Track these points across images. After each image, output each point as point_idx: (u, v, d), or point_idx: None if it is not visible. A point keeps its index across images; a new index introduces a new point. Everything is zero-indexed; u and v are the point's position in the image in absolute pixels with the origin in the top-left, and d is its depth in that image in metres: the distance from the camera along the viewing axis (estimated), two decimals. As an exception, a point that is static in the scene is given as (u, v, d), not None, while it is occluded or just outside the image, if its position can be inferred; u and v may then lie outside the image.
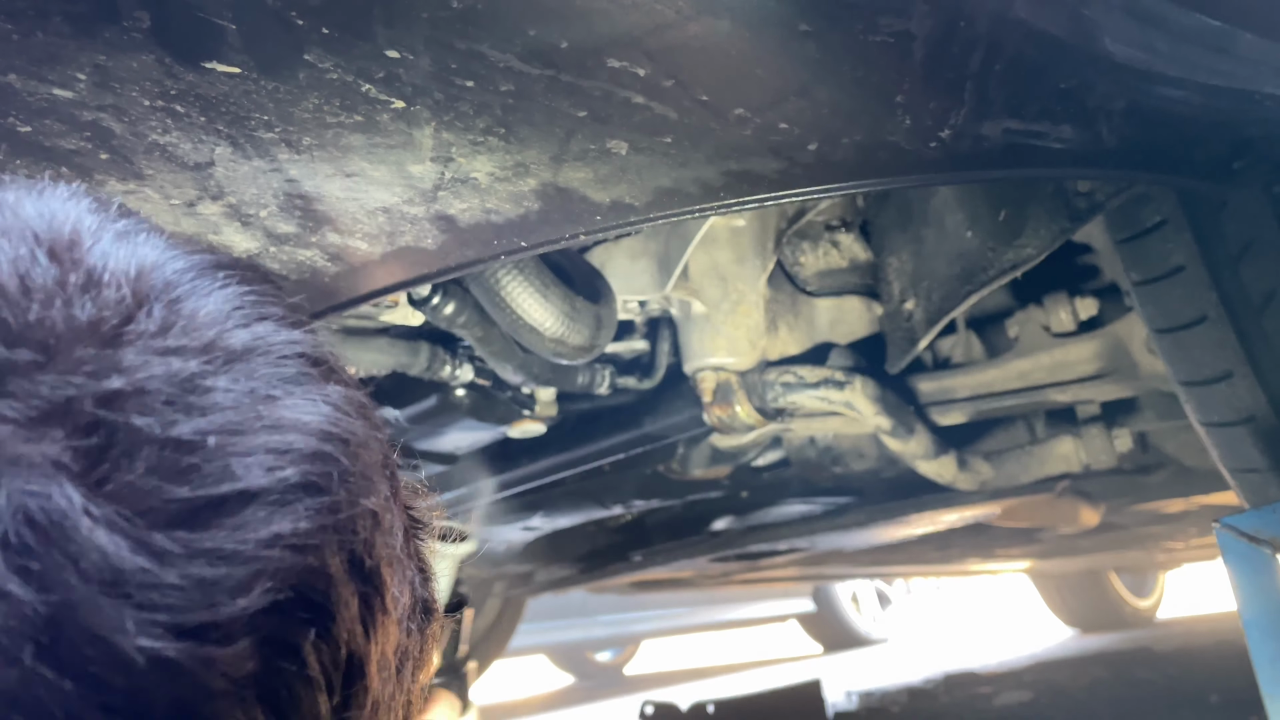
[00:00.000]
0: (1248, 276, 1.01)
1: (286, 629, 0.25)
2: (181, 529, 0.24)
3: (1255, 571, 0.99)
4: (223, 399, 0.26)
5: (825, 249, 1.41)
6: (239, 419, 0.26)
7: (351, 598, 0.27)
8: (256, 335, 0.28)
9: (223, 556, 0.24)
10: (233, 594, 0.24)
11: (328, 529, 0.26)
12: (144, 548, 0.23)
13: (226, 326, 0.28)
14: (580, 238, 0.81)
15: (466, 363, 1.27)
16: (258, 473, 0.25)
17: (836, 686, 2.84)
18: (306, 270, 0.83)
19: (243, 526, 0.25)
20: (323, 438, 0.27)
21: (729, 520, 1.83)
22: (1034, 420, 1.51)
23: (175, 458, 0.24)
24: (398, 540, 0.31)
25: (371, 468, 0.29)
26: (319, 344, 0.30)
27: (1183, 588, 4.86)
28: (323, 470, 0.27)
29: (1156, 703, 2.16)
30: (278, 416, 0.27)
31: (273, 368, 0.28)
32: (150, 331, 0.26)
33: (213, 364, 0.26)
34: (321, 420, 0.27)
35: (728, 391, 1.30)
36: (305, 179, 0.71)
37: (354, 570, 0.27)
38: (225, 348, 0.27)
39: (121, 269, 0.27)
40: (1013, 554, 2.63)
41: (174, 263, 0.29)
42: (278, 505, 0.25)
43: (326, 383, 0.29)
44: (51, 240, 0.27)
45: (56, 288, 0.26)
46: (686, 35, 0.62)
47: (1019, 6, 0.66)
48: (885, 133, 0.75)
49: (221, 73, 0.60)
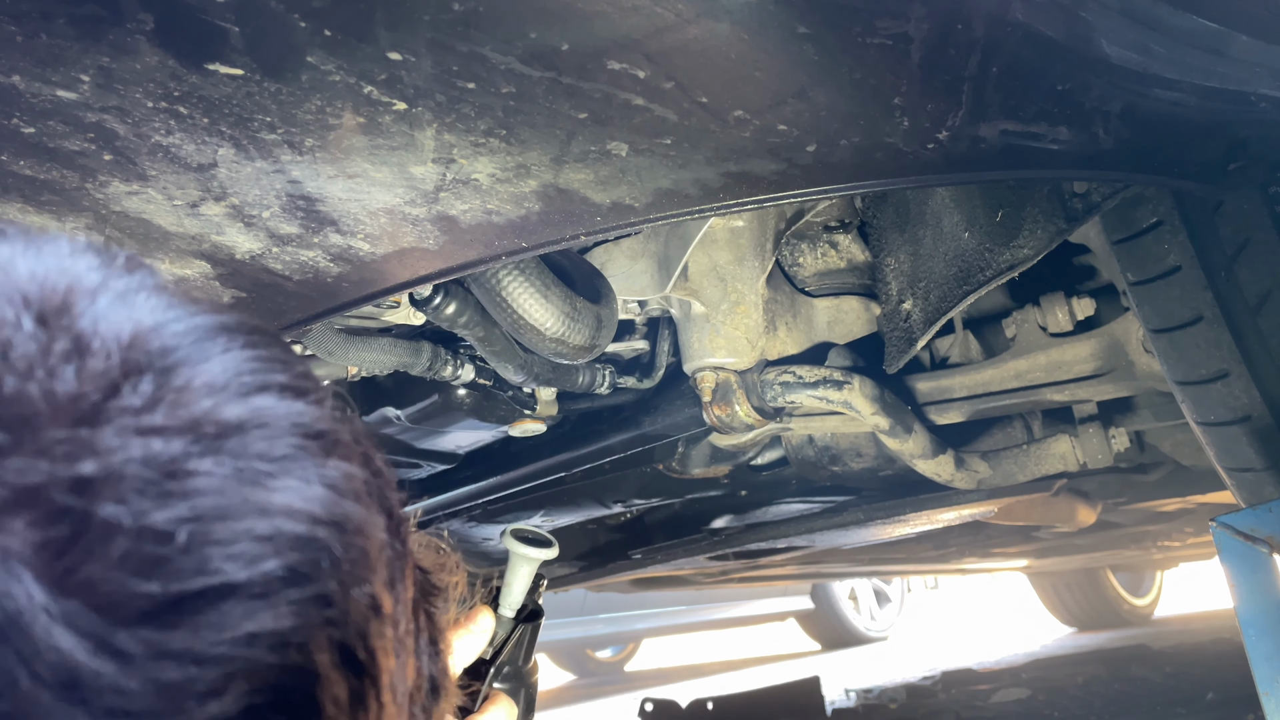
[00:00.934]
0: (1243, 277, 1.02)
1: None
2: (148, 628, 0.22)
3: (1252, 570, 1.00)
4: (204, 483, 0.24)
5: (824, 250, 1.42)
6: (221, 505, 0.24)
7: (341, 693, 0.25)
8: (254, 408, 0.26)
9: (193, 658, 0.22)
10: (202, 699, 0.22)
11: (315, 623, 0.25)
12: (105, 648, 0.22)
13: (221, 399, 0.26)
14: (581, 238, 0.82)
15: (468, 362, 1.27)
16: (236, 565, 0.23)
17: (835, 684, 2.84)
18: (309, 271, 0.83)
19: (217, 625, 0.23)
20: (313, 522, 0.25)
21: (728, 519, 1.83)
22: (1031, 419, 1.51)
23: (147, 550, 0.23)
24: (401, 623, 0.30)
25: (369, 551, 0.27)
26: (322, 415, 0.28)
27: (1180, 586, 4.87)
28: (311, 558, 0.25)
29: (1153, 700, 2.17)
30: (264, 501, 0.25)
31: (266, 444, 0.26)
32: (134, 407, 0.24)
33: (199, 443, 0.25)
34: (313, 503, 0.26)
35: (727, 391, 1.31)
36: (308, 180, 0.72)
37: (345, 663, 0.26)
38: (217, 422, 0.25)
39: (114, 334, 0.25)
40: (1010, 552, 2.63)
41: (173, 325, 0.27)
42: (258, 599, 0.24)
43: (327, 458, 0.27)
44: (41, 303, 0.25)
45: (39, 357, 0.24)
46: (686, 38, 0.62)
47: (1016, 9, 0.67)
48: (883, 134, 0.75)
49: (225, 74, 0.60)
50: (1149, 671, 2.51)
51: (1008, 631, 4.75)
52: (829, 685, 2.53)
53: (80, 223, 0.75)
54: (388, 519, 0.30)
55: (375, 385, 1.41)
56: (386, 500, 0.30)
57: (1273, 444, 1.04)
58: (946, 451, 1.41)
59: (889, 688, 2.62)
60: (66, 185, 0.70)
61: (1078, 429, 1.42)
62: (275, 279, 0.84)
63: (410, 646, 0.31)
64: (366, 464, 0.30)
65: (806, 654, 4.74)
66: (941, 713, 2.28)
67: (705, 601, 4.30)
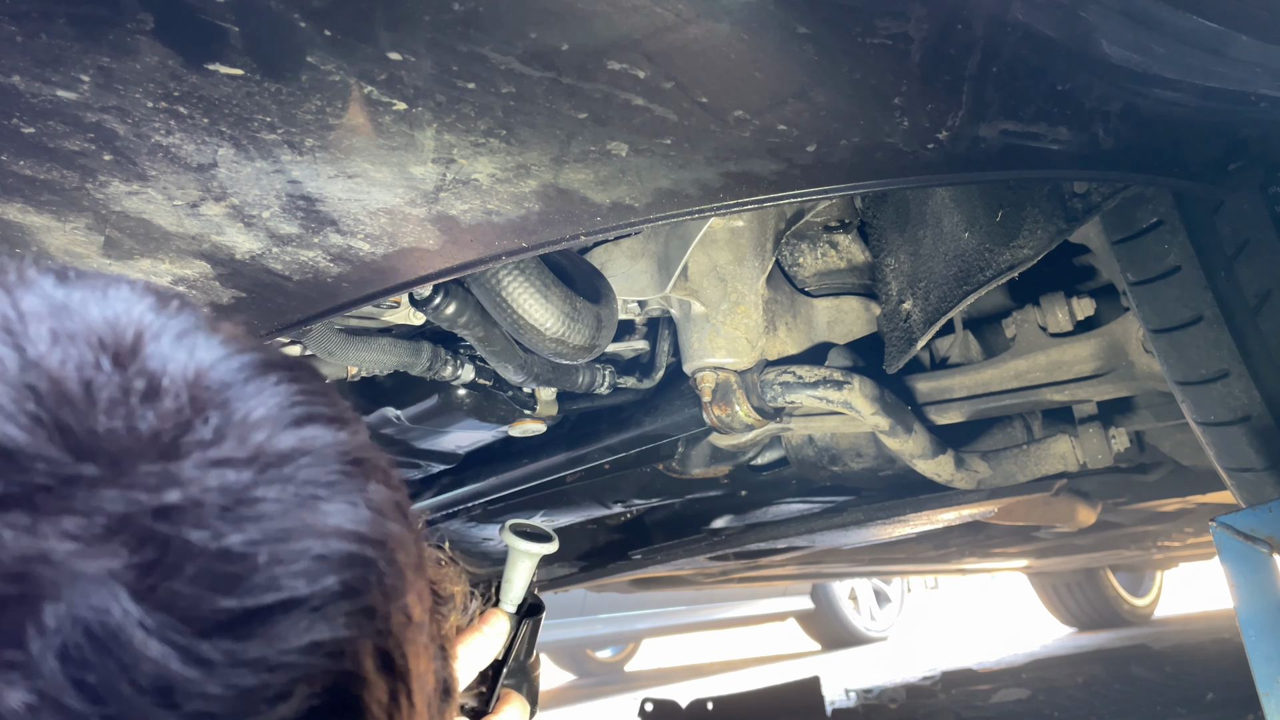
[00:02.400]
0: (1243, 277, 1.02)
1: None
2: (227, 638, 0.25)
3: (1252, 570, 1.00)
4: (269, 509, 0.27)
5: (824, 250, 1.42)
6: (284, 527, 0.27)
7: (383, 695, 0.28)
8: (304, 438, 0.29)
9: (266, 665, 0.25)
10: (273, 702, 0.25)
11: (364, 632, 0.28)
12: (192, 657, 0.24)
13: (276, 430, 0.28)
14: (581, 238, 0.82)
15: (468, 362, 1.27)
16: (300, 581, 0.26)
17: (835, 684, 2.84)
18: (309, 271, 0.83)
19: (284, 635, 0.26)
20: (361, 541, 0.28)
21: (728, 519, 1.83)
22: (1031, 419, 1.51)
23: (223, 568, 0.25)
24: (425, 630, 0.33)
25: (407, 566, 0.30)
26: (362, 443, 0.31)
27: (1180, 586, 4.87)
28: (361, 575, 0.28)
29: (1153, 700, 2.17)
30: (320, 523, 0.27)
31: (316, 470, 0.28)
32: (206, 440, 0.27)
33: (262, 472, 0.27)
34: (360, 524, 0.28)
35: (727, 391, 1.30)
36: (308, 180, 0.72)
37: (385, 668, 0.29)
38: (274, 452, 0.28)
39: (180, 373, 0.28)
40: (1010, 552, 2.63)
41: (228, 363, 0.29)
42: (317, 612, 0.26)
43: (368, 482, 0.30)
44: (116, 344, 0.28)
45: (121, 395, 0.27)
46: (686, 38, 0.62)
47: (1016, 9, 0.67)
48: (883, 134, 0.75)
49: (225, 75, 0.60)
50: (1149, 671, 2.51)
51: (1008, 631, 4.75)
52: (829, 685, 2.53)
53: (80, 223, 0.75)
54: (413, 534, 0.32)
55: (375, 385, 1.41)
56: (412, 519, 0.33)
57: (1273, 444, 1.04)
58: (946, 451, 1.41)
59: (889, 688, 2.62)
60: (66, 185, 0.70)
61: (1078, 429, 1.42)
62: (275, 279, 0.84)
63: (431, 650, 0.33)
64: (392, 484, 0.32)
65: (806, 654, 4.74)
66: (941, 713, 2.28)
67: (705, 601, 4.30)
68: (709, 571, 2.31)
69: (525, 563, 0.70)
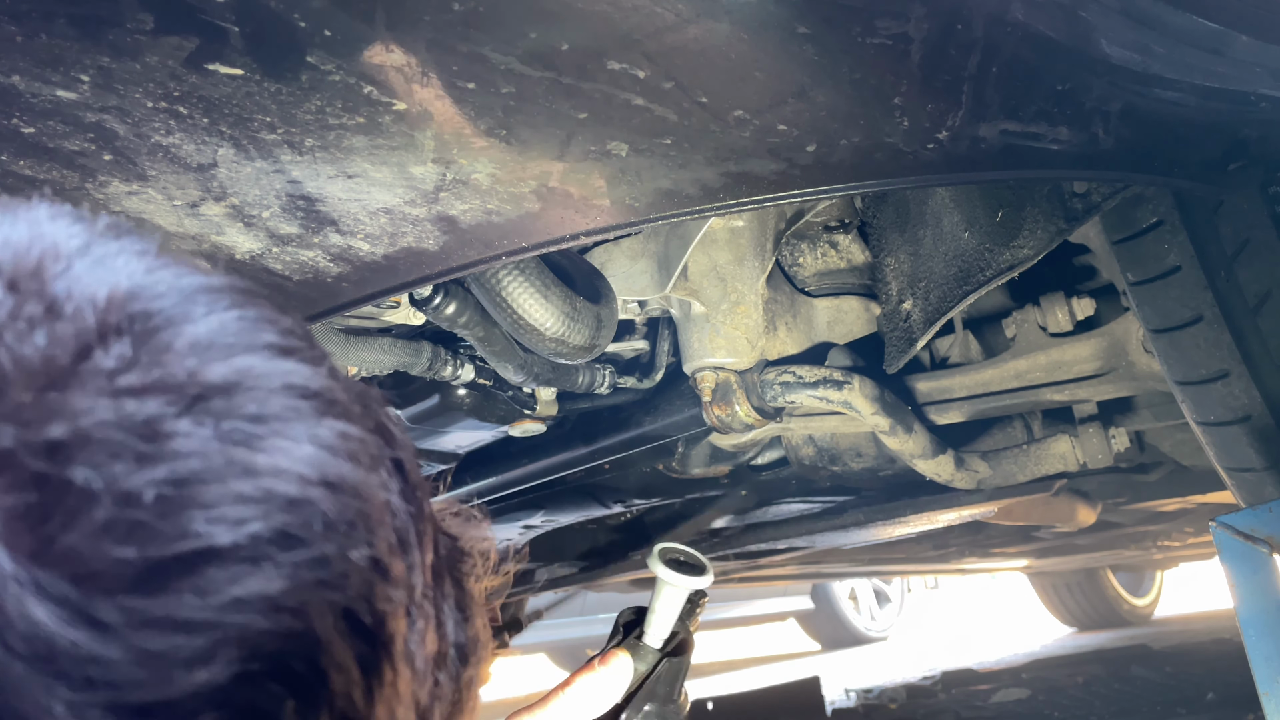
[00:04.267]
0: (1243, 277, 1.02)
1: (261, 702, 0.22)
2: (127, 595, 0.21)
3: (1252, 570, 1.00)
4: (184, 445, 0.23)
5: (823, 250, 1.42)
6: (203, 467, 0.23)
7: (347, 659, 0.24)
8: (239, 368, 0.25)
9: (176, 625, 0.21)
10: (188, 666, 0.21)
11: (308, 585, 0.23)
12: (82, 618, 0.21)
13: (206, 359, 0.25)
14: (581, 238, 0.82)
15: (468, 362, 1.27)
16: (220, 528, 0.22)
17: (835, 684, 2.84)
18: (309, 271, 0.83)
19: (200, 590, 0.22)
20: (303, 483, 0.24)
21: (728, 519, 1.83)
22: (1031, 419, 1.51)
23: (123, 515, 0.22)
24: (417, 588, 0.29)
25: (369, 512, 0.26)
26: (316, 374, 0.27)
27: (1180, 586, 4.87)
28: (301, 520, 0.24)
29: (1153, 700, 2.17)
30: (249, 461, 0.23)
31: (255, 404, 0.25)
32: (107, 369, 0.23)
33: (178, 404, 0.23)
34: (302, 463, 0.24)
35: (727, 391, 1.30)
36: (308, 180, 0.72)
37: (351, 629, 0.25)
38: (200, 383, 0.24)
39: (89, 296, 0.24)
40: (1010, 553, 2.63)
41: (156, 287, 0.26)
42: (245, 563, 0.22)
43: (321, 418, 0.26)
44: (14, 268, 0.25)
45: (7, 321, 0.23)
46: (686, 38, 0.62)
47: (1016, 9, 0.67)
48: (883, 134, 0.75)
49: (224, 75, 0.60)
50: (1149, 671, 2.51)
51: (1008, 631, 4.75)
52: (829, 685, 2.53)
53: (80, 223, 0.75)
54: (400, 481, 0.29)
55: (375, 385, 1.41)
56: (398, 462, 0.29)
57: (1273, 444, 1.04)
58: (946, 451, 1.41)
59: (889, 688, 2.62)
60: (66, 185, 0.70)
61: (1078, 429, 1.42)
62: (275, 279, 0.84)
63: (430, 612, 0.30)
64: (370, 424, 0.28)
65: (806, 654, 4.74)
66: (941, 713, 2.28)
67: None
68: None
69: (673, 595, 0.64)
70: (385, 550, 0.26)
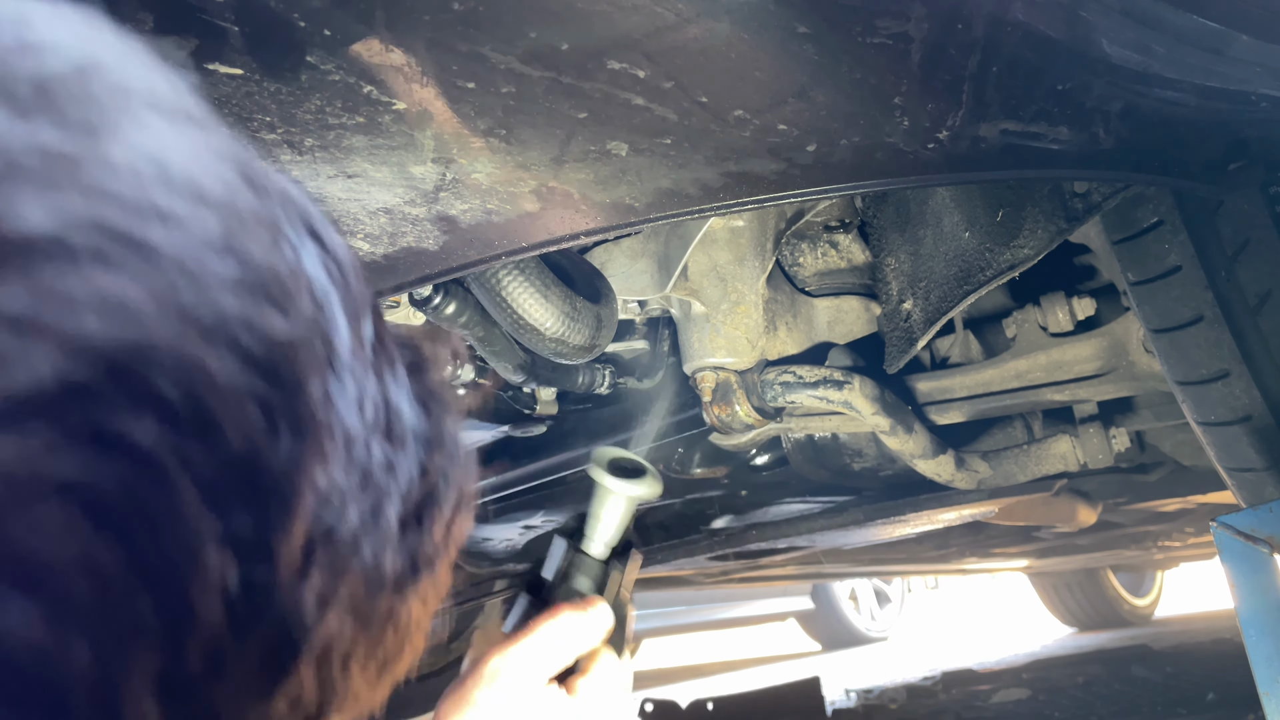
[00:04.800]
0: (1244, 276, 1.02)
1: (102, 418, 0.19)
2: None
3: (1252, 570, 1.00)
4: (19, 130, 0.19)
5: (824, 249, 1.42)
6: (45, 152, 0.20)
7: (239, 395, 0.21)
8: (87, 60, 0.21)
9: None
10: (5, 364, 0.18)
11: (168, 296, 0.20)
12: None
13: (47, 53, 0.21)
14: (581, 238, 0.82)
15: (468, 362, 1.27)
16: (54, 218, 0.19)
17: (835, 684, 2.84)
18: (308, 270, 0.83)
19: (32, 284, 0.18)
20: (166, 182, 0.20)
21: (728, 519, 1.83)
22: (1031, 419, 1.51)
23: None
24: (341, 343, 0.24)
25: (253, 235, 0.22)
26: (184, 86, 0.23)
27: (1180, 586, 4.87)
28: (169, 220, 0.20)
29: (1154, 701, 2.17)
30: (107, 154, 0.20)
31: (110, 98, 0.21)
32: None
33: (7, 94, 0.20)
34: (177, 168, 0.21)
35: (727, 391, 1.30)
36: (307, 180, 0.72)
37: (241, 361, 0.21)
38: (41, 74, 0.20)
39: None
40: (1010, 553, 2.63)
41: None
42: (88, 261, 0.19)
43: (208, 133, 0.22)
44: None
45: None
46: (686, 37, 0.62)
47: (1016, 9, 0.67)
48: (883, 134, 0.75)
49: (224, 74, 0.60)
50: (1149, 672, 2.51)
51: (1008, 631, 4.75)
52: (829, 685, 2.53)
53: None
54: (312, 242, 0.25)
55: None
56: (308, 223, 0.25)
57: (1273, 444, 1.04)
58: (947, 451, 1.41)
59: (889, 688, 2.61)
60: None
61: (1078, 429, 1.42)
62: (275, 279, 0.84)
63: (370, 382, 0.26)
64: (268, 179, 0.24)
65: (806, 654, 4.74)
66: (941, 713, 2.28)
67: (705, 601, 4.30)
68: (709, 571, 2.31)
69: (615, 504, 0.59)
70: (276, 283, 0.22)
